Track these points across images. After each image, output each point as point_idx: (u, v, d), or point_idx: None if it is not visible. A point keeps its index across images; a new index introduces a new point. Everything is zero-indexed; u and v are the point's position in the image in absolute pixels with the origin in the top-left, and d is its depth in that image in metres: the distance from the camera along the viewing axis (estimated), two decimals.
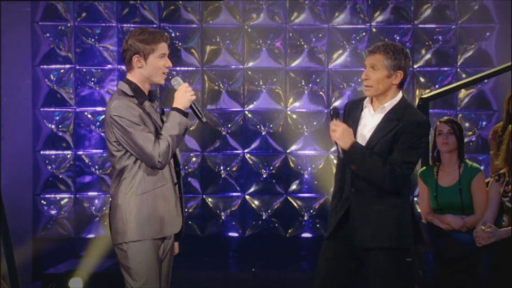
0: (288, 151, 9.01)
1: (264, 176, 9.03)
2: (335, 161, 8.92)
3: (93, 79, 8.96)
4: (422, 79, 8.97)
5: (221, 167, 9.03)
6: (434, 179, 6.68)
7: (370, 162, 4.72)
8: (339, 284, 4.89)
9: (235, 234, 9.03)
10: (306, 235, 8.98)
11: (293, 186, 9.02)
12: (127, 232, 4.66)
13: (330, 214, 4.98)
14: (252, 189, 9.02)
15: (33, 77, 8.86)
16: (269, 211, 9.00)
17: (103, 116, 8.95)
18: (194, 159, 9.01)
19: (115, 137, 4.64)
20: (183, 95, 4.73)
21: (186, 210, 8.95)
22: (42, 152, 8.92)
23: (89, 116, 8.97)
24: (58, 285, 7.68)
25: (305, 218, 8.98)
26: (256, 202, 9.01)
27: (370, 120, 4.91)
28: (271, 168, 9.03)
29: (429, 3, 8.96)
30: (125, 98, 4.67)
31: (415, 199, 8.77)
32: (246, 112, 9.00)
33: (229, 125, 9.02)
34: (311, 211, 8.98)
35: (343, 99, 8.98)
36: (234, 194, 9.04)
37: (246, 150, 9.00)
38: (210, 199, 9.00)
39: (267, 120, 9.03)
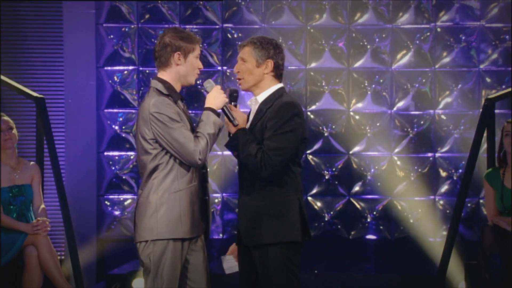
0: (350, 152, 8.95)
1: (326, 177, 8.98)
2: (398, 163, 8.84)
3: None
4: (488, 80, 8.85)
5: None
6: (500, 181, 6.60)
7: (247, 149, 4.68)
8: (255, 283, 4.81)
9: None
10: (370, 237, 8.92)
11: (356, 188, 8.96)
12: (158, 229, 4.64)
13: None
14: (314, 191, 8.98)
15: (97, 78, 8.94)
16: (331, 213, 8.95)
17: None
18: None
19: (152, 134, 4.64)
20: (218, 96, 4.75)
21: None
22: (105, 153, 9.00)
23: None
24: (122, 285, 7.73)
25: (368, 220, 8.92)
26: (319, 204, 8.97)
27: (252, 112, 4.92)
28: (334, 169, 8.98)
29: (496, 2, 8.83)
30: (162, 96, 4.69)
31: (481, 201, 8.65)
32: (309, 113, 8.97)
33: None
34: (374, 212, 8.91)
35: (407, 100, 8.90)
36: None
37: (308, 151, 8.97)
38: None
39: (330, 121, 8.98)
